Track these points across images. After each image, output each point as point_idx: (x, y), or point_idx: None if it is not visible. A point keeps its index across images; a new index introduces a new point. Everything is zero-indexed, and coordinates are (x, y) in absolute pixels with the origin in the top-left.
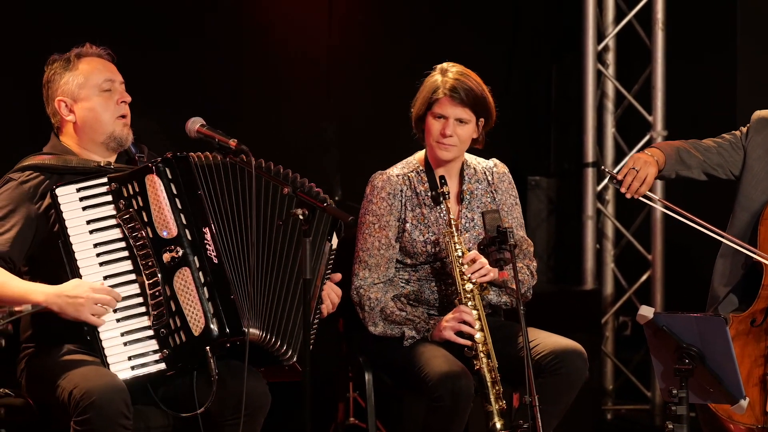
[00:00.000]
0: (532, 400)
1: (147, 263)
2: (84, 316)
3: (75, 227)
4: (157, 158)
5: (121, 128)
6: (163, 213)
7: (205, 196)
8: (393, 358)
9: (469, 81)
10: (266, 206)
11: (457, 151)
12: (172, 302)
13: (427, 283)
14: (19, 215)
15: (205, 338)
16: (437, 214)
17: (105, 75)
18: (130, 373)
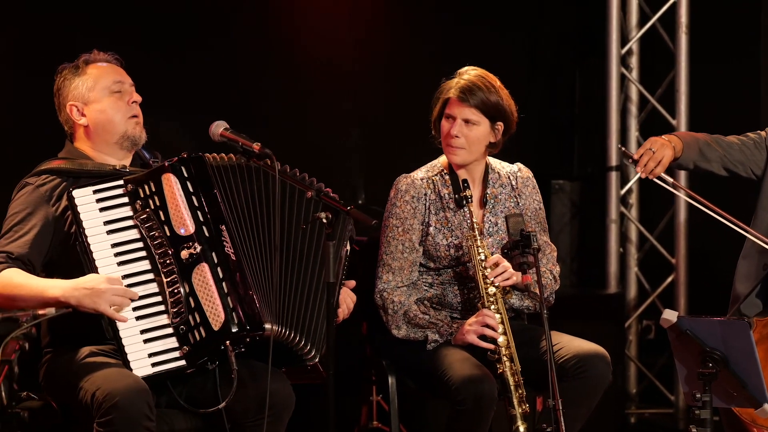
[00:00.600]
0: (556, 403)
1: (165, 261)
2: (102, 308)
3: (92, 228)
4: (172, 158)
5: (134, 127)
6: (179, 211)
7: (221, 195)
8: (416, 361)
9: (482, 83)
10: (284, 207)
11: (466, 154)
12: (191, 299)
13: (450, 287)
14: (36, 218)
15: (225, 333)
16: (461, 218)
17: (114, 77)
18: (151, 369)
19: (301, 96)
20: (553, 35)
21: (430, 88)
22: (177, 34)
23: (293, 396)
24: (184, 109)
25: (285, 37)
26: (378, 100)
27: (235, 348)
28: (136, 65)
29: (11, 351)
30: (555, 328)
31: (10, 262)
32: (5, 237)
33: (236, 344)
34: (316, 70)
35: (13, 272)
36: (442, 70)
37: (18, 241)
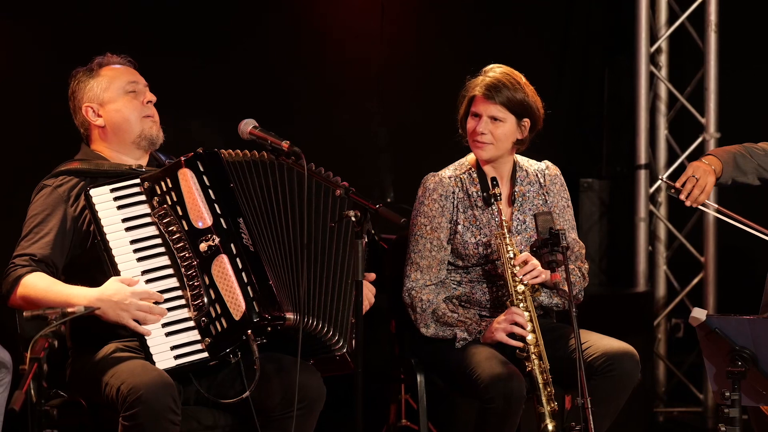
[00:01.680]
0: (584, 402)
1: (184, 255)
2: (125, 321)
3: (110, 226)
4: (188, 154)
5: (150, 126)
6: (196, 205)
7: (238, 189)
8: (445, 359)
9: (507, 80)
10: (309, 203)
11: (493, 150)
12: (211, 290)
13: (478, 285)
14: (56, 219)
15: (246, 322)
16: (489, 216)
17: (128, 78)
18: (174, 362)
19: (330, 94)
20: (582, 33)
21: (458, 86)
22: (207, 34)
23: (324, 388)
24: (215, 109)
25: (315, 36)
26: (407, 98)
27: (257, 338)
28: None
29: (40, 349)
30: (584, 327)
31: (34, 264)
32: (26, 239)
33: (258, 334)
34: (346, 69)
35: (37, 277)
36: (470, 68)
37: (39, 242)
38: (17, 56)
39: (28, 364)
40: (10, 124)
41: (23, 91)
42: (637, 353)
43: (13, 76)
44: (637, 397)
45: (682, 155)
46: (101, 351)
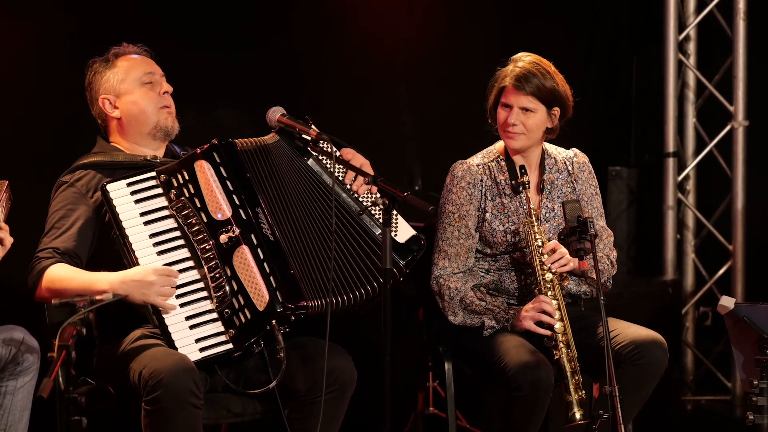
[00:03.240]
0: (612, 390)
1: (204, 247)
2: (151, 299)
3: (129, 220)
4: (203, 145)
5: (166, 117)
6: (215, 196)
7: (255, 178)
8: (473, 347)
9: (537, 69)
10: (316, 186)
11: (525, 140)
12: (233, 282)
13: (506, 273)
14: (78, 212)
15: (270, 312)
16: (517, 204)
17: (145, 68)
18: (199, 355)
19: (359, 83)
20: (611, 21)
21: (486, 75)
22: (235, 24)
23: (355, 372)
24: (243, 98)
25: (343, 24)
26: (435, 87)
27: (281, 327)
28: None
29: (68, 336)
30: (612, 315)
31: (58, 256)
32: (48, 235)
33: (282, 323)
34: (374, 57)
35: (60, 267)
36: (498, 57)
37: (63, 236)
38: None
39: (57, 351)
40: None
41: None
42: (665, 341)
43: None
44: (665, 386)
45: (710, 143)
46: (126, 339)
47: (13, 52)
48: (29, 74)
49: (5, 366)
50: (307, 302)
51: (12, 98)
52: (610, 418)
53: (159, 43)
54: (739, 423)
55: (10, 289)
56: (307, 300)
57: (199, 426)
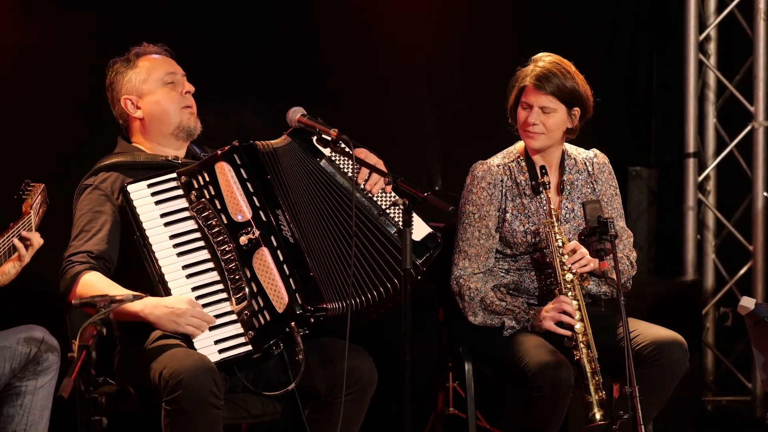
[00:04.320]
0: (633, 390)
1: (224, 249)
2: (181, 329)
3: (149, 221)
4: (224, 147)
5: (188, 117)
6: (235, 198)
7: (275, 180)
8: (493, 348)
9: (557, 69)
10: (335, 186)
11: (546, 140)
12: (253, 284)
13: (527, 273)
14: (105, 215)
15: (290, 314)
16: (537, 204)
17: (166, 68)
18: (218, 356)
19: (379, 82)
20: (631, 21)
21: (506, 74)
22: (255, 21)
23: (376, 372)
24: (263, 96)
25: (363, 23)
26: (455, 86)
27: (300, 329)
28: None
29: (89, 336)
30: (632, 315)
31: (92, 261)
32: (78, 238)
33: (301, 325)
34: (394, 56)
35: (96, 277)
36: (519, 56)
37: (94, 238)
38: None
39: (77, 351)
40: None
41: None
42: (686, 342)
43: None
44: (686, 386)
45: (730, 144)
46: (148, 339)
47: (32, 52)
48: (47, 74)
49: (25, 365)
50: (327, 304)
51: (31, 99)
52: (630, 418)
53: (179, 43)
54: (759, 423)
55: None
56: (326, 302)
57: (219, 426)
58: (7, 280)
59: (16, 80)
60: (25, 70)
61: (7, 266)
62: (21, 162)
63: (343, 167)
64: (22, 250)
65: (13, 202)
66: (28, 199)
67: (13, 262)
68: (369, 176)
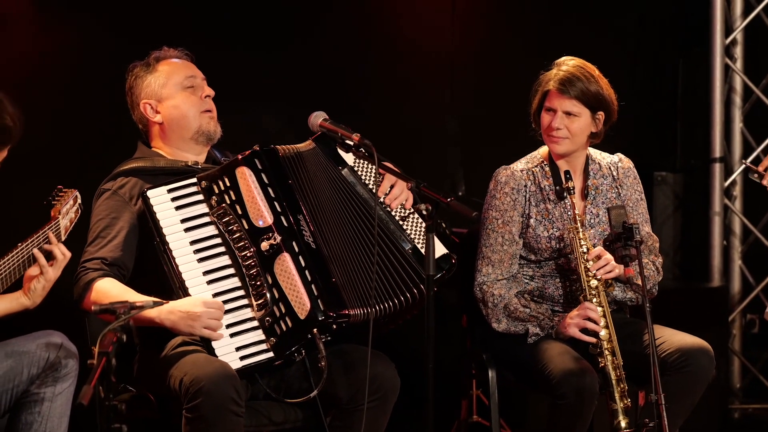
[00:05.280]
0: (658, 398)
1: (245, 255)
2: (197, 332)
3: (169, 227)
4: (245, 152)
5: (208, 122)
6: (256, 203)
7: (296, 185)
8: (516, 355)
9: (581, 73)
10: (356, 192)
11: (569, 144)
12: (274, 289)
13: (551, 280)
14: (123, 220)
15: (312, 321)
16: (562, 210)
17: (186, 72)
18: (240, 363)
19: (401, 86)
20: (656, 24)
21: (529, 78)
22: (276, 25)
23: (398, 379)
24: (284, 100)
25: (385, 27)
26: (478, 90)
27: (322, 336)
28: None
29: (109, 343)
30: (657, 322)
31: (106, 268)
32: (93, 244)
33: (323, 332)
34: (416, 60)
35: (110, 283)
36: (542, 60)
37: (109, 245)
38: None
39: (97, 358)
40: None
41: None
42: (712, 349)
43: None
44: (712, 394)
45: (757, 148)
46: (167, 345)
47: (52, 56)
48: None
49: (44, 371)
50: (349, 310)
51: (50, 105)
52: (656, 426)
53: (200, 47)
54: None
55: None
56: (348, 308)
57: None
58: (38, 298)
59: (37, 87)
60: (46, 76)
61: (32, 283)
62: (40, 168)
63: (365, 179)
64: (43, 262)
65: (39, 209)
66: (58, 205)
67: (38, 278)
68: (389, 191)
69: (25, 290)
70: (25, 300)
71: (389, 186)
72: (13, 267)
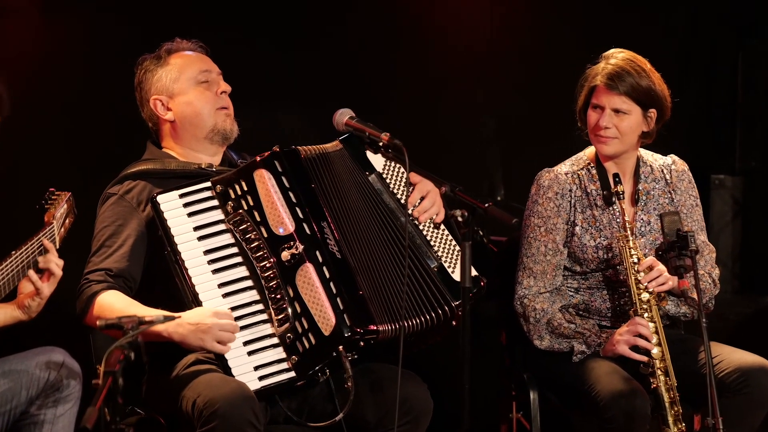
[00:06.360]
0: (716, 422)
1: (264, 266)
2: (208, 345)
3: (181, 235)
4: (264, 153)
5: (224, 120)
6: (276, 209)
7: (320, 189)
8: (560, 374)
9: (631, 67)
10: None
11: (619, 145)
12: (296, 303)
13: (598, 293)
14: (129, 228)
15: (337, 337)
16: (610, 216)
17: (200, 66)
18: (258, 383)
19: (434, 83)
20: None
21: (574, 73)
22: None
23: (431, 401)
24: (306, 97)
25: (416, 19)
26: (518, 87)
27: (348, 353)
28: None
29: (115, 361)
30: (714, 338)
31: (111, 280)
32: (98, 254)
33: (350, 349)
34: (450, 57)
35: (113, 296)
36: (588, 53)
37: (114, 255)
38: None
39: (102, 377)
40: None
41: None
42: None
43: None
44: None
45: None
46: (179, 363)
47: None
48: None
49: (44, 392)
50: (377, 326)
51: (56, 103)
52: None
53: (213, 38)
54: None
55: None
56: (377, 323)
57: None
58: (33, 313)
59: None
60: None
61: (26, 300)
62: (45, 169)
63: (393, 187)
64: (40, 285)
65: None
66: (51, 209)
67: (33, 297)
68: (419, 203)
69: (20, 305)
70: (20, 314)
71: (419, 198)
72: (7, 278)
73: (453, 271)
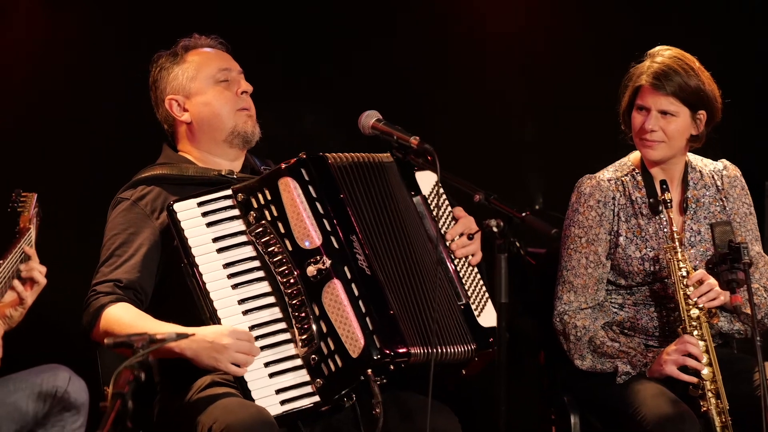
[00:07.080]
0: None
1: (288, 281)
2: (222, 366)
3: (199, 246)
4: (289, 160)
5: (244, 121)
6: (302, 220)
7: (349, 200)
8: (603, 397)
9: (679, 66)
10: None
11: (666, 149)
12: (322, 322)
13: (644, 308)
14: (141, 237)
15: (366, 360)
16: (657, 226)
17: (219, 65)
18: (280, 408)
19: (468, 83)
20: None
21: (618, 73)
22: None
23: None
24: (333, 99)
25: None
26: (558, 87)
27: (377, 378)
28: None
29: (124, 382)
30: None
31: (120, 292)
32: (107, 264)
33: (379, 373)
34: (487, 57)
35: (122, 309)
36: (632, 51)
37: (124, 266)
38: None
39: (110, 400)
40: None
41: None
42: None
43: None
44: None
45: None
46: (194, 385)
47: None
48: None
49: (48, 414)
50: (409, 348)
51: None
52: None
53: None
54: None
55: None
56: (408, 345)
57: None
58: (15, 323)
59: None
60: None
61: (8, 310)
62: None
63: (436, 215)
64: (24, 295)
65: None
66: (25, 212)
67: (16, 307)
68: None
69: (1, 315)
70: (1, 324)
71: (461, 232)
72: None
73: (479, 315)
